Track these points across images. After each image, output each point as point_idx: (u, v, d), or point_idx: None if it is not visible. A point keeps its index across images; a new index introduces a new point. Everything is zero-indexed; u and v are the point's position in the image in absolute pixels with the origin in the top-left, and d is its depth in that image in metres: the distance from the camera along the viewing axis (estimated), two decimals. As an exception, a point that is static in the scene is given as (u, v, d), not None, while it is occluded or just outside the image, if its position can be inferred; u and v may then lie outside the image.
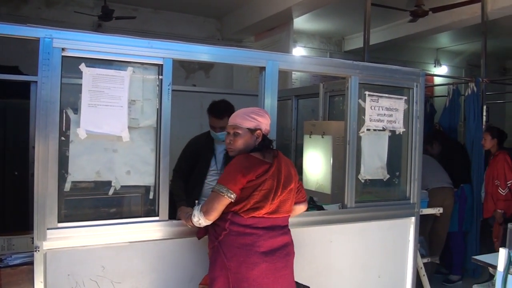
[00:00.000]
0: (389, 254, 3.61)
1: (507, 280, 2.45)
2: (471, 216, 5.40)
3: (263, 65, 3.00)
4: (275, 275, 2.50)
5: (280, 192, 2.53)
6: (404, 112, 3.61)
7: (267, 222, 2.52)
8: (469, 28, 7.07)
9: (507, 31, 7.66)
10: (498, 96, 8.93)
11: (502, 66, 10.66)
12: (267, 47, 6.72)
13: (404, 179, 3.70)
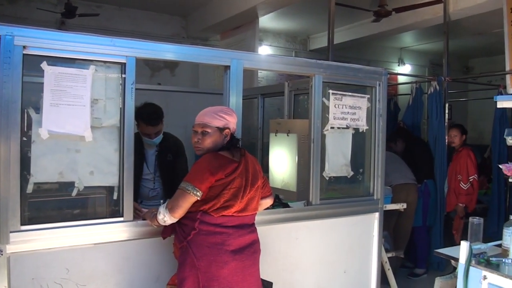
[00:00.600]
0: (354, 250, 3.67)
1: (469, 272, 2.53)
2: (434, 211, 5.53)
3: (228, 64, 3.00)
4: (244, 273, 2.52)
5: (248, 190, 2.55)
6: (367, 110, 3.68)
7: (236, 221, 2.53)
8: (432, 28, 7.21)
9: (469, 31, 7.86)
10: (461, 94, 9.17)
11: (465, 65, 10.95)
12: (232, 46, 6.72)
13: (368, 176, 3.78)
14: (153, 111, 3.54)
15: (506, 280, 2.37)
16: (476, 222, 2.72)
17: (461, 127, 5.44)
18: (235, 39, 6.90)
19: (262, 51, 7.89)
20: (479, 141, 9.34)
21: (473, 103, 9.69)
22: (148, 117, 3.51)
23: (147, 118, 3.50)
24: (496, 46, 5.42)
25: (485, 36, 8.13)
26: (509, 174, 2.83)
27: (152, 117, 3.52)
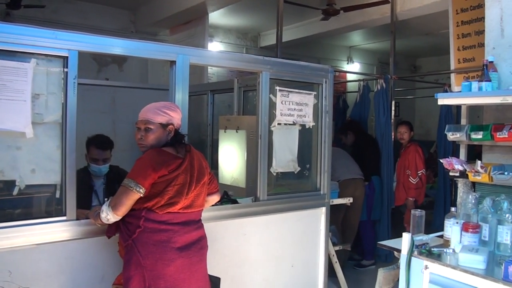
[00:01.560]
0: (302, 244, 3.73)
1: (411, 262, 2.62)
2: (380, 206, 5.69)
3: (174, 59, 2.98)
4: (191, 270, 2.52)
5: (194, 186, 2.54)
6: (314, 107, 3.74)
7: (182, 217, 2.52)
8: (379, 27, 7.36)
9: (416, 31, 8.07)
10: (408, 92, 9.45)
11: (413, 64, 11.27)
12: (182, 41, 6.66)
13: (315, 171, 3.85)
14: (104, 138, 3.59)
15: (446, 269, 2.47)
16: (418, 214, 2.81)
17: (409, 124, 5.62)
18: (184, 34, 6.83)
19: (213, 47, 7.85)
20: (426, 137, 9.65)
21: (420, 101, 9.99)
22: (96, 139, 3.54)
23: (97, 142, 3.53)
24: (443, 46, 5.62)
25: (432, 36, 8.37)
26: (450, 168, 2.94)
27: (103, 141, 3.55)
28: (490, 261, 2.48)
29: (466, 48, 5.32)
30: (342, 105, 7.57)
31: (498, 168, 2.73)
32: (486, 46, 3.11)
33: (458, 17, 5.40)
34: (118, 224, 2.52)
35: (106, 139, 3.57)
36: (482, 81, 2.74)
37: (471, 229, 2.59)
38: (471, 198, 2.77)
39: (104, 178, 3.61)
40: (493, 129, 2.74)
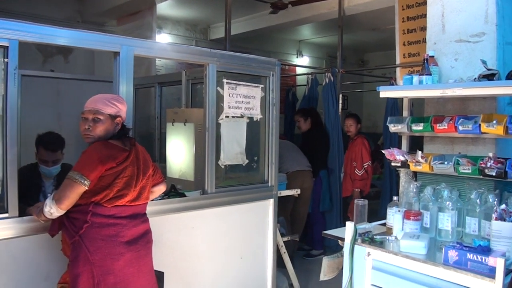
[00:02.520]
0: (250, 236, 3.75)
1: (354, 250, 2.69)
2: (328, 197, 5.80)
3: (117, 50, 2.90)
4: (139, 264, 2.49)
5: (141, 178, 2.52)
6: (261, 99, 3.75)
7: (130, 211, 2.48)
8: (328, 22, 7.45)
9: (364, 26, 8.22)
10: (356, 86, 9.65)
11: (361, 59, 11.50)
12: (130, 32, 6.49)
13: (263, 164, 3.87)
14: (54, 138, 3.45)
15: (388, 255, 2.55)
16: (361, 204, 2.88)
17: (357, 117, 5.74)
18: (132, 25, 6.68)
19: (161, 39, 7.71)
20: (374, 130, 9.90)
21: (368, 94, 10.20)
22: (48, 142, 3.40)
23: (46, 143, 3.39)
24: (390, 41, 5.76)
25: (379, 31, 8.55)
26: (392, 158, 3.02)
27: (52, 142, 3.42)
28: (432, 247, 2.58)
29: (411, 43, 5.49)
30: (291, 98, 7.65)
31: (438, 158, 2.83)
32: (428, 41, 3.21)
33: (404, 13, 5.56)
34: (62, 221, 2.44)
35: (56, 140, 3.44)
36: (422, 75, 2.82)
37: (413, 217, 2.68)
38: (413, 187, 2.86)
39: (54, 179, 3.49)
40: (433, 120, 2.83)
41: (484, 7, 2.91)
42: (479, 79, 2.61)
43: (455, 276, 2.27)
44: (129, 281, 2.44)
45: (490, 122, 2.58)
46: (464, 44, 3.01)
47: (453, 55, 3.06)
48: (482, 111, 2.84)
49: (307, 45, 10.08)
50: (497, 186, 2.73)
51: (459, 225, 2.73)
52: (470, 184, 2.77)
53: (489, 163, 2.59)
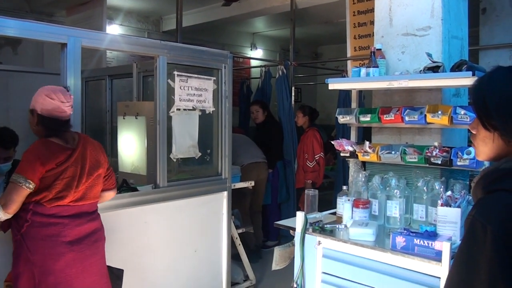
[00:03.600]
0: (205, 229, 3.74)
1: (305, 239, 2.73)
2: (285, 188, 5.86)
3: (65, 41, 2.82)
4: (84, 264, 2.42)
5: (85, 178, 2.44)
6: (214, 92, 3.74)
7: (72, 210, 2.41)
8: (281, 15, 7.48)
9: (317, 19, 8.29)
10: (310, 79, 9.74)
11: (314, 52, 11.61)
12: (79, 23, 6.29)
13: (216, 156, 3.86)
14: (8, 135, 3.36)
15: (338, 243, 2.60)
16: (311, 194, 2.93)
17: (303, 109, 5.77)
18: (81, 16, 6.48)
19: (112, 30, 7.54)
20: (327, 122, 10.02)
21: (321, 87, 10.32)
22: (2, 139, 3.31)
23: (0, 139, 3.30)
24: (342, 34, 5.83)
25: (331, 25, 8.63)
26: (341, 149, 3.08)
27: (3, 139, 3.32)
28: (380, 234, 2.65)
29: (362, 36, 5.57)
30: (245, 91, 7.66)
31: (385, 148, 2.91)
32: (375, 34, 3.28)
33: (355, 7, 5.64)
34: (10, 219, 2.37)
35: (8, 137, 3.34)
36: (370, 67, 2.89)
37: (362, 205, 2.74)
38: (361, 177, 2.92)
39: (5, 175, 3.37)
40: (381, 112, 2.90)
41: (431, 1, 2.99)
42: (424, 72, 2.69)
43: (402, 260, 2.34)
44: (71, 282, 2.38)
45: (436, 112, 2.67)
46: (410, 38, 3.09)
47: (400, 48, 3.13)
48: (428, 102, 2.93)
49: (261, 38, 10.10)
50: (443, 173, 2.83)
51: (407, 212, 2.81)
52: (417, 172, 2.87)
53: (434, 152, 2.68)
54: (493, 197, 1.20)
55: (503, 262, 1.11)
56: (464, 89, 3.21)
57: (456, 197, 2.49)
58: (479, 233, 1.14)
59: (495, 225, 1.12)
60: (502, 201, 1.17)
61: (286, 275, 3.44)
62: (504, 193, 1.18)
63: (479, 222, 1.15)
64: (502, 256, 1.11)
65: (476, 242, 1.15)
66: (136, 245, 3.28)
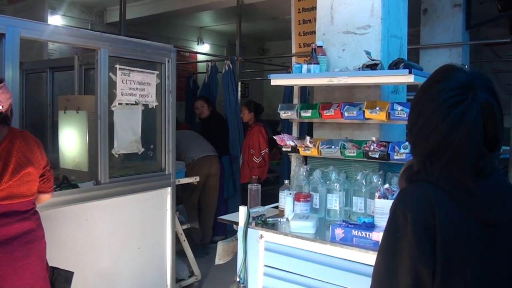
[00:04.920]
0: (148, 225, 3.71)
1: (247, 233, 2.76)
2: (232, 183, 5.89)
3: (2, 31, 2.70)
4: (14, 266, 2.28)
5: (8, 176, 2.27)
6: (157, 86, 3.70)
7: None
8: (227, 9, 7.44)
9: (263, 15, 8.33)
10: (257, 74, 9.79)
11: (261, 47, 11.66)
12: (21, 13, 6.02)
13: (159, 152, 3.82)
14: None
15: (279, 236, 2.65)
16: (254, 188, 2.97)
17: (249, 105, 5.80)
18: (23, 5, 6.21)
19: (54, 21, 7.27)
20: (274, 117, 10.06)
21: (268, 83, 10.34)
22: None
23: None
24: (288, 31, 5.89)
25: (278, 21, 8.67)
26: (282, 143, 3.13)
27: None
28: (321, 226, 2.73)
29: (307, 33, 5.65)
30: (192, 85, 7.62)
31: (326, 142, 2.98)
32: (317, 31, 3.35)
33: (300, 4, 5.72)
34: None
35: None
36: (311, 64, 2.95)
37: (303, 199, 2.81)
38: (303, 171, 2.99)
39: None
40: (321, 107, 2.97)
41: (371, 1, 3.08)
42: (363, 69, 2.77)
43: (341, 251, 2.42)
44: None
45: (374, 108, 2.76)
46: (351, 36, 3.17)
47: (340, 45, 3.21)
48: (367, 99, 3.02)
49: (208, 33, 10.05)
50: (381, 167, 2.93)
51: (347, 205, 2.90)
52: (356, 166, 2.96)
53: (372, 147, 2.78)
54: (413, 187, 1.31)
55: (422, 247, 1.21)
56: (402, 86, 3.34)
57: (393, 189, 2.59)
58: (400, 221, 1.25)
59: (414, 212, 1.23)
60: (421, 190, 1.27)
61: (231, 269, 3.47)
62: (423, 183, 1.28)
63: (400, 210, 1.25)
64: (421, 241, 1.21)
65: (398, 229, 1.25)
66: (77, 243, 3.20)
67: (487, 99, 1.24)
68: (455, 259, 1.22)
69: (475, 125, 1.22)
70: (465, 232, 1.24)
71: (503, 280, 1.28)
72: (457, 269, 1.22)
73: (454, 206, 1.24)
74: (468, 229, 1.24)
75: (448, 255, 1.21)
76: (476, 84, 1.25)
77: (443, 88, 1.27)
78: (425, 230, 1.22)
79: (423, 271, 1.20)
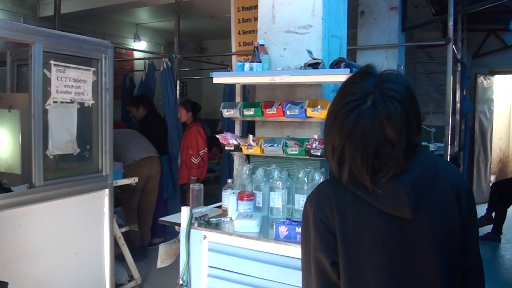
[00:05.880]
0: (86, 229, 3.57)
1: (190, 234, 2.71)
2: (171, 183, 5.79)
3: None
4: None
5: None
6: (93, 84, 3.57)
7: None
8: (166, 6, 7.30)
9: (202, 13, 8.26)
10: (196, 73, 9.69)
11: (200, 46, 11.57)
12: None
13: (96, 152, 3.68)
14: None
15: (223, 236, 2.63)
16: (196, 188, 2.92)
17: (186, 104, 5.70)
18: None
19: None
20: (213, 116, 10.06)
21: (207, 81, 10.29)
22: None
23: None
24: (227, 29, 5.86)
25: (216, 19, 8.64)
26: (225, 142, 3.10)
27: None
28: (265, 224, 2.73)
29: (246, 32, 5.65)
30: (128, 83, 7.45)
31: (268, 141, 2.98)
32: (259, 30, 3.34)
33: (239, 3, 5.70)
34: None
35: None
36: (253, 62, 2.94)
37: (246, 198, 2.80)
38: (246, 169, 2.98)
39: None
40: (263, 106, 2.97)
41: (312, 1, 3.10)
42: (304, 68, 2.80)
43: (285, 249, 2.43)
44: None
45: (315, 107, 2.79)
46: (292, 35, 3.19)
47: (282, 44, 3.22)
48: (308, 97, 3.05)
49: (145, 29, 9.84)
50: (322, 164, 2.96)
51: (289, 202, 2.92)
52: (298, 164, 2.99)
53: (314, 144, 2.81)
54: (321, 184, 1.48)
55: (321, 238, 1.36)
56: (342, 85, 3.39)
57: (334, 186, 2.63)
58: (308, 213, 1.41)
59: (314, 207, 1.38)
60: (324, 187, 1.43)
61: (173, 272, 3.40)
62: (330, 180, 1.43)
63: (308, 204, 1.42)
64: (320, 233, 1.36)
65: (306, 220, 1.41)
66: (11, 251, 3.02)
67: (385, 104, 1.28)
68: (356, 250, 1.32)
69: (369, 129, 1.28)
70: (367, 225, 1.33)
71: (426, 271, 1.32)
72: (358, 260, 1.32)
73: (356, 201, 1.34)
74: (370, 222, 1.33)
75: (347, 246, 1.33)
76: (378, 89, 1.30)
77: (348, 92, 1.35)
78: (323, 223, 1.36)
79: (323, 260, 1.35)
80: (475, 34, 9.04)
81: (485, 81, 8.85)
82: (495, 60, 9.12)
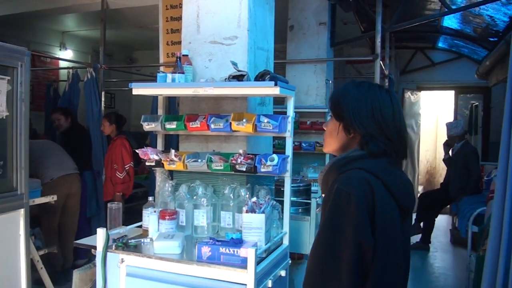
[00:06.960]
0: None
1: (106, 258, 2.52)
2: (95, 200, 5.52)
3: None
4: None
5: None
6: (8, 94, 3.30)
7: None
8: (92, 14, 7.05)
9: (130, 23, 8.03)
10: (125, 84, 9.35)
11: (129, 56, 11.25)
12: None
13: (10, 168, 3.40)
14: None
15: (142, 259, 2.45)
16: (114, 207, 2.75)
17: (109, 117, 5.43)
18: None
19: None
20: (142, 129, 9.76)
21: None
22: None
23: None
24: (157, 40, 5.70)
25: (146, 30, 8.41)
26: (146, 157, 2.96)
27: None
28: (188, 244, 2.59)
29: (175, 43, 5.53)
30: (52, 94, 7.09)
31: (192, 156, 2.87)
32: (183, 40, 3.23)
33: (168, 13, 5.59)
34: None
35: None
36: (175, 73, 2.82)
37: (168, 216, 2.66)
38: (168, 186, 2.84)
39: None
40: (186, 119, 2.85)
41: (237, 12, 3.04)
42: (229, 80, 2.71)
43: (208, 271, 2.31)
44: None
45: (240, 121, 2.72)
46: (218, 46, 3.11)
47: (207, 55, 3.13)
48: (234, 110, 2.97)
49: (72, 38, 9.43)
50: (248, 180, 2.89)
51: (215, 220, 2.82)
52: (224, 179, 2.90)
53: (239, 159, 2.73)
54: (351, 173, 1.47)
55: (364, 223, 1.37)
56: (269, 99, 3.35)
57: (261, 202, 2.55)
58: (343, 200, 1.40)
59: (357, 192, 1.39)
60: (359, 175, 1.45)
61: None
62: (358, 171, 1.46)
63: (344, 191, 1.40)
64: (363, 217, 1.37)
65: (340, 207, 1.40)
66: None
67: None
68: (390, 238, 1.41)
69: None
70: (391, 215, 1.44)
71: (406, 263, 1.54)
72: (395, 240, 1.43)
73: (385, 191, 1.44)
74: (393, 213, 1.45)
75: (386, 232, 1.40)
76: None
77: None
78: (367, 208, 1.39)
79: (365, 246, 1.36)
80: (403, 51, 9.41)
81: (412, 96, 9.19)
82: (422, 76, 9.53)
